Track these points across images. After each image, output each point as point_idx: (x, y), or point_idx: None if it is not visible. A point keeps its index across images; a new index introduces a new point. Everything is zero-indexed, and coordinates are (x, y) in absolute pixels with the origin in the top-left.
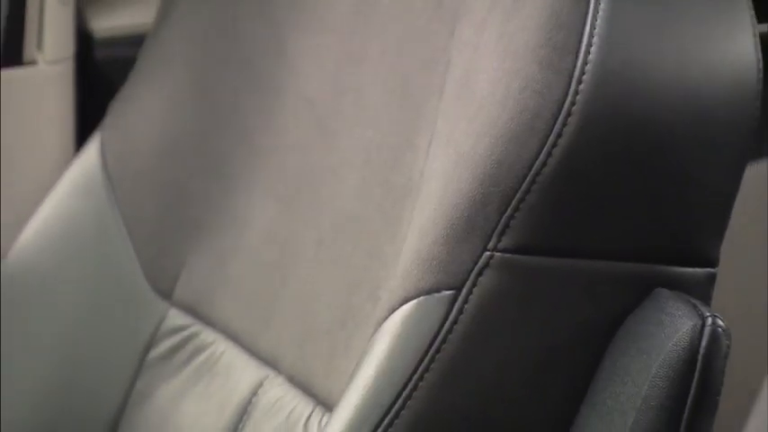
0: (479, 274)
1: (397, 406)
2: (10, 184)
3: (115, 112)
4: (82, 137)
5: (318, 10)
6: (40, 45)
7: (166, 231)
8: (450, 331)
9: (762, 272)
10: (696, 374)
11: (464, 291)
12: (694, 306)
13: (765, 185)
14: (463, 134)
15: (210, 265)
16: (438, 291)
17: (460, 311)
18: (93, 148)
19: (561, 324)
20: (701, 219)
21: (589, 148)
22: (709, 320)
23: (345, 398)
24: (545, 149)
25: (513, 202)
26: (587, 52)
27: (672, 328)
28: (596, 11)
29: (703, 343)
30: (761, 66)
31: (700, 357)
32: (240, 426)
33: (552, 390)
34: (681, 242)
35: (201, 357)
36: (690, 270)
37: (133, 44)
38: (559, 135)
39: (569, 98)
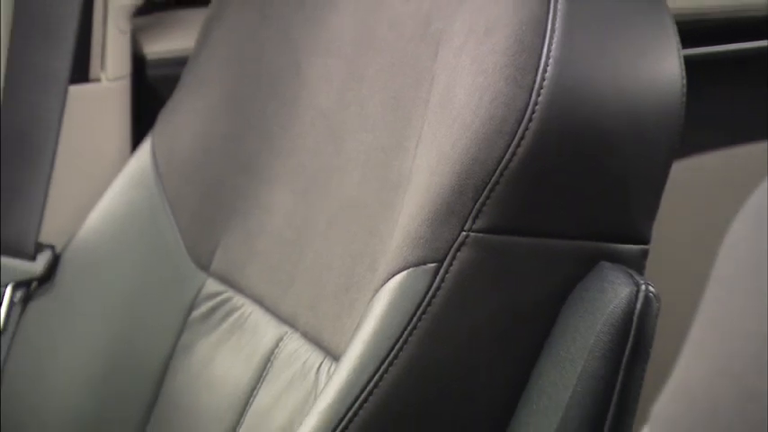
0: (458, 250)
1: (390, 357)
2: (77, 180)
3: (163, 120)
4: (136, 140)
5: (327, 38)
6: (103, 65)
7: (204, 216)
8: (433, 296)
9: (687, 249)
10: (632, 330)
11: (445, 264)
12: (631, 276)
13: (691, 178)
14: (444, 137)
15: (240, 242)
16: (424, 263)
17: (442, 281)
18: (145, 149)
19: (524, 291)
20: (636, 204)
21: (546, 148)
22: (643, 287)
23: (349, 350)
24: (510, 149)
25: (485, 192)
26: (544, 71)
27: (613, 293)
28: (551, 39)
29: (638, 305)
30: (684, 82)
31: (635, 317)
32: (264, 373)
33: (517, 345)
34: (620, 224)
35: (233, 317)
36: (627, 246)
37: (177, 65)
38: (522, 137)
39: (530, 108)
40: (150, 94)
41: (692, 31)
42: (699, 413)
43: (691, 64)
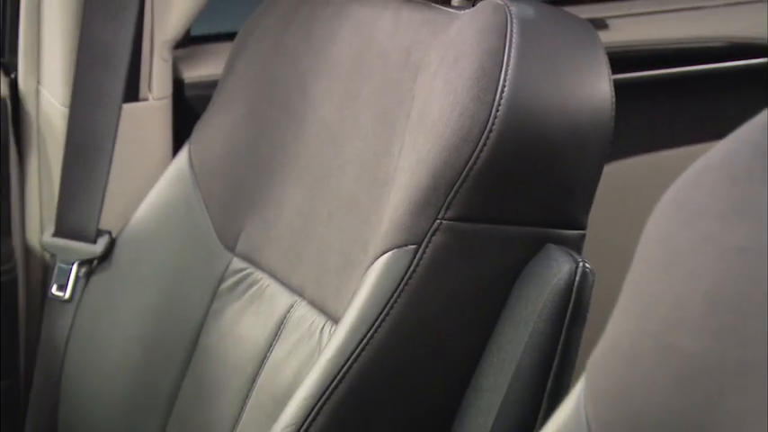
0: (432, 234)
1: (378, 321)
2: (129, 179)
3: (198, 131)
4: (176, 147)
5: (329, 65)
6: (149, 88)
7: (231, 207)
8: (413, 272)
9: (619, 235)
10: (572, 298)
11: (422, 246)
12: (571, 255)
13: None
14: (422, 144)
15: (259, 229)
16: (405, 245)
17: (420, 259)
18: (183, 155)
19: (486, 267)
20: (575, 198)
21: (503, 153)
22: (581, 264)
23: (346, 315)
24: (474, 154)
25: (454, 188)
26: (502, 92)
27: (557, 268)
28: (507, 66)
29: (577, 278)
30: (613, 101)
31: (575, 287)
32: (278, 332)
33: (480, 311)
34: (562, 213)
35: (254, 289)
36: (568, 231)
37: (209, 87)
38: (484, 145)
39: (490, 121)
40: (187, 110)
41: (629, 58)
42: (624, 364)
43: (632, 85)
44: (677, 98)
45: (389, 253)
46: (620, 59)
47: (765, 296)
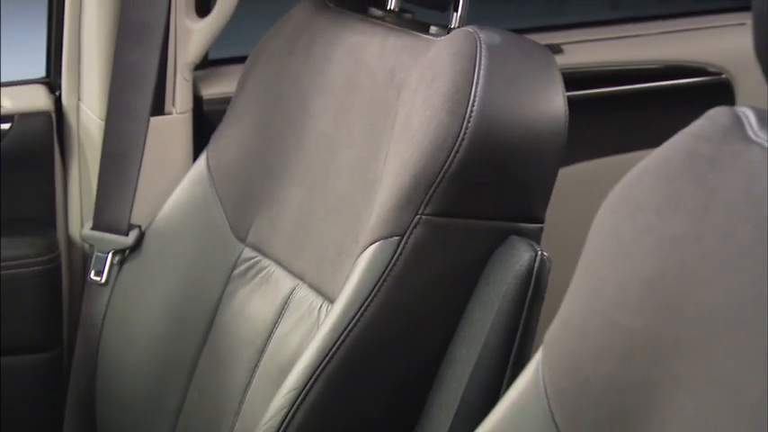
0: (414, 227)
1: (367, 302)
2: (156, 181)
3: (214, 140)
4: (196, 153)
5: (325, 83)
6: (173, 103)
7: (242, 205)
8: (396, 260)
9: (567, 229)
10: (532, 281)
11: (405, 237)
12: (531, 245)
13: (572, 181)
14: (404, 151)
15: (266, 224)
16: (390, 237)
17: (402, 249)
18: (202, 160)
19: (459, 256)
20: (535, 196)
21: (473, 158)
22: (539, 253)
23: (339, 297)
24: (449, 159)
25: (432, 188)
26: (472, 106)
27: (519, 256)
28: (477, 84)
29: (536, 264)
30: (567, 114)
31: (534, 272)
32: (283, 311)
33: (454, 293)
34: (523, 209)
35: (262, 274)
36: (528, 225)
37: (224, 102)
38: (457, 152)
39: (462, 131)
40: (205, 122)
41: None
42: (576, 338)
43: (583, 101)
44: (621, 112)
45: (377, 243)
46: (572, 79)
47: (697, 278)
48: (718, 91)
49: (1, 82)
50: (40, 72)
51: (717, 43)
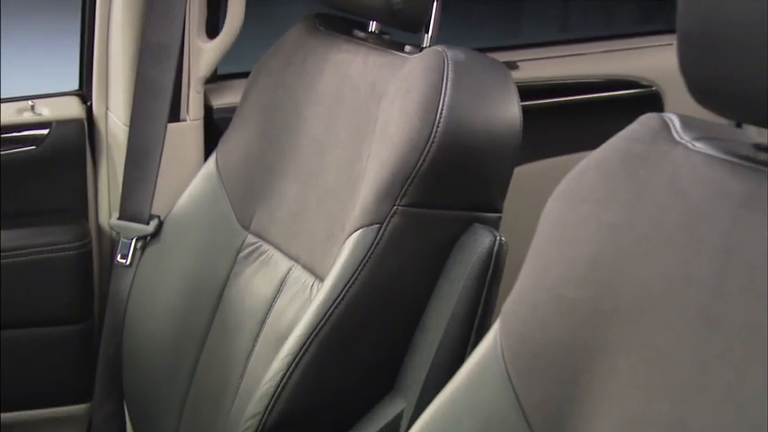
0: (391, 217)
1: (351, 281)
2: (173, 178)
3: (222, 143)
4: (207, 154)
5: (316, 95)
6: (187, 111)
7: (246, 198)
8: (377, 244)
9: (521, 218)
10: (492, 262)
11: (384, 225)
12: (491, 231)
13: (525, 177)
14: (383, 152)
15: (267, 214)
16: (371, 225)
17: (382, 235)
18: (211, 160)
19: (430, 240)
20: (494, 190)
21: (441, 158)
22: (498, 238)
23: (328, 277)
24: (421, 159)
25: (407, 183)
26: (441, 113)
27: (481, 241)
28: (444, 95)
29: (495, 248)
30: (521, 121)
31: (494, 254)
32: (280, 288)
33: (426, 273)
34: (484, 201)
35: (262, 257)
36: (489, 214)
37: (230, 111)
38: (428, 152)
39: (432, 135)
40: (214, 128)
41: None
42: (528, 309)
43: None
44: (567, 119)
45: (360, 230)
46: (526, 91)
47: (631, 259)
48: (649, 101)
49: (41, 94)
50: (74, 85)
51: (648, 61)
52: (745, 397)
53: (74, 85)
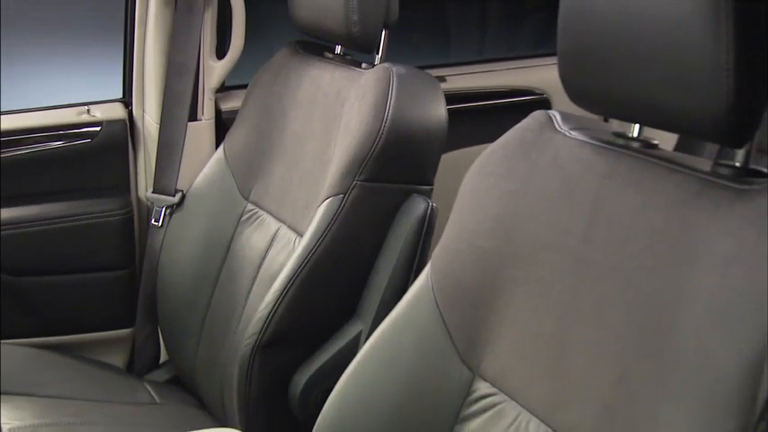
0: (352, 189)
1: (321, 237)
2: (192, 163)
3: (228, 136)
4: (217, 145)
5: (297, 100)
6: (202, 113)
7: (246, 176)
8: (341, 210)
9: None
10: (426, 222)
11: (346, 195)
12: (426, 199)
13: (451, 161)
14: (347, 142)
15: (262, 188)
16: (337, 195)
17: (345, 202)
18: (220, 149)
19: (380, 207)
20: (428, 169)
21: (388, 145)
22: (430, 204)
23: (306, 233)
24: (373, 146)
25: (363, 164)
26: (387, 113)
27: (418, 207)
28: (390, 99)
29: (428, 211)
30: (447, 119)
31: (427, 216)
32: (271, 243)
33: (376, 232)
34: (420, 177)
35: (258, 220)
36: (424, 186)
37: (234, 113)
38: (378, 141)
39: (381, 128)
40: (222, 126)
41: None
42: (450, 255)
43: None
44: (481, 118)
45: (329, 199)
46: (451, 97)
47: (525, 217)
48: (541, 104)
49: (95, 101)
50: (118, 94)
51: (540, 75)
52: (605, 315)
53: (118, 93)
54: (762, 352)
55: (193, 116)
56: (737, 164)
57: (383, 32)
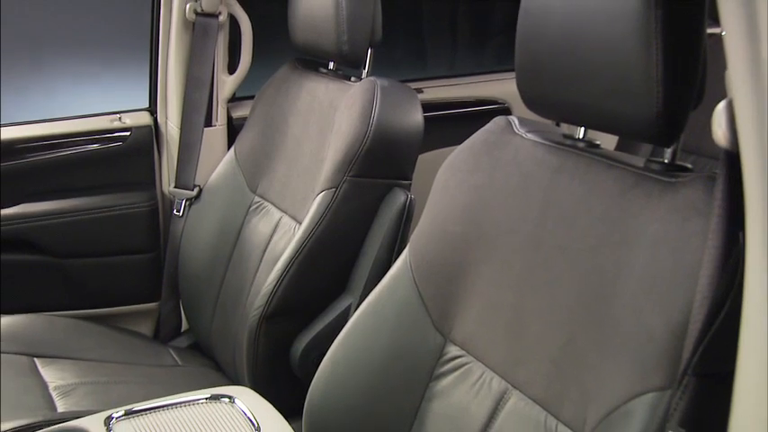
0: (343, 183)
1: (317, 225)
2: (208, 163)
3: (238, 140)
4: (228, 146)
5: (296, 108)
6: (217, 120)
7: (253, 173)
8: (333, 202)
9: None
10: (405, 212)
11: (338, 189)
12: (405, 192)
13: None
14: (338, 143)
15: (266, 182)
16: (330, 189)
17: (336, 195)
18: (232, 149)
19: (366, 200)
20: (407, 167)
21: (374, 146)
22: (410, 196)
23: (304, 222)
24: (361, 146)
25: (352, 162)
26: (372, 119)
27: (398, 198)
28: (374, 106)
29: (407, 203)
30: (423, 124)
31: (406, 207)
32: (275, 229)
33: (364, 220)
34: (400, 173)
35: (263, 209)
36: (404, 181)
37: (243, 120)
38: (365, 142)
39: (367, 132)
40: (233, 130)
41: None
42: (425, 238)
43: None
44: (452, 123)
45: (323, 192)
46: (427, 106)
47: (489, 206)
48: (502, 112)
49: (125, 110)
50: (145, 103)
51: (503, 87)
52: (556, 288)
53: (144, 103)
54: (686, 317)
55: (209, 122)
56: (666, 161)
57: (369, 50)
